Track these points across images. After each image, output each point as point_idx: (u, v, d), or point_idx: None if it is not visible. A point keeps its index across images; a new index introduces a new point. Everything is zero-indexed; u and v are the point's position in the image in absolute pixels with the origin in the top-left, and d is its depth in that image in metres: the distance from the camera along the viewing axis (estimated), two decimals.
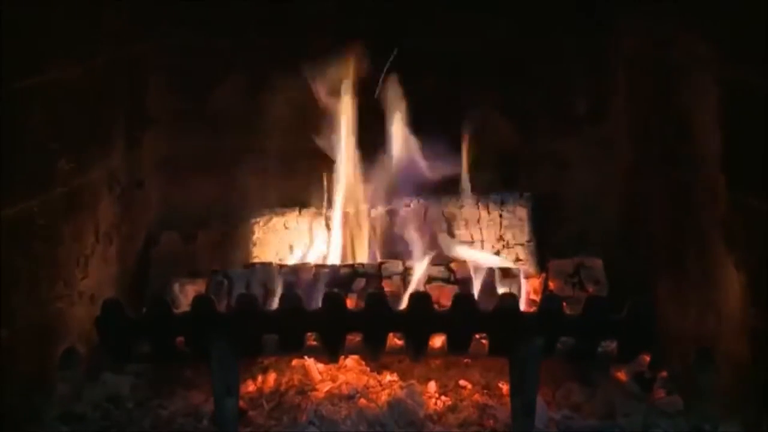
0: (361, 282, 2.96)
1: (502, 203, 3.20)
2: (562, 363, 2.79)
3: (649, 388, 2.85)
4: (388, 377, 2.84)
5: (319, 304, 2.64)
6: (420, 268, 2.96)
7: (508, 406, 2.63)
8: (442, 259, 3.05)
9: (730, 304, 2.64)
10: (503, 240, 3.19)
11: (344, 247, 3.16)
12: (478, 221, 3.19)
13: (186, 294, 3.03)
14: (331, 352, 2.69)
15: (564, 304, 2.65)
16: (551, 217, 3.26)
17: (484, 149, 3.23)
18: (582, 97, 3.31)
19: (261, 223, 3.21)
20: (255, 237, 3.21)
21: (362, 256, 3.13)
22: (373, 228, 3.18)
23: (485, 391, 2.82)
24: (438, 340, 2.71)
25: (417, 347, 2.67)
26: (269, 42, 3.26)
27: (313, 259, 3.12)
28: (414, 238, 3.10)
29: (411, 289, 2.91)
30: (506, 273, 2.98)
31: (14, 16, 2.53)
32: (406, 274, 2.97)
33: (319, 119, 3.18)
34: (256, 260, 3.11)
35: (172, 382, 2.87)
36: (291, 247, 3.19)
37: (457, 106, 3.21)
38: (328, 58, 3.15)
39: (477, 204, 3.20)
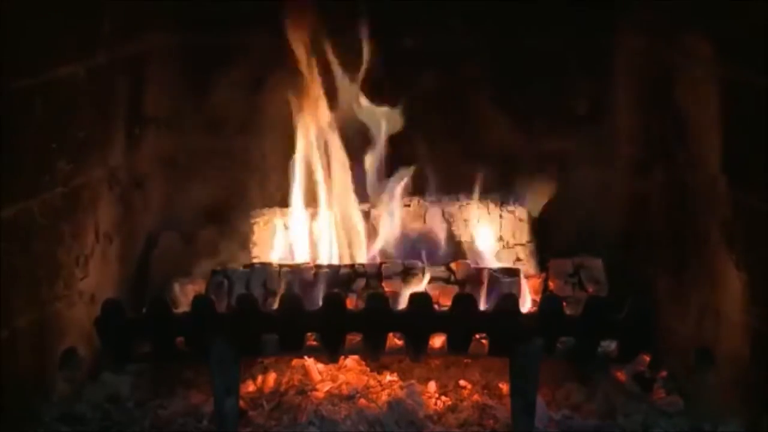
0: (361, 282, 2.96)
1: (502, 203, 3.20)
2: (562, 363, 2.79)
3: (649, 388, 2.85)
4: (388, 377, 2.84)
5: (319, 304, 2.65)
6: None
7: (508, 406, 2.63)
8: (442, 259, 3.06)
9: (730, 304, 2.64)
10: (503, 240, 3.18)
11: (343, 247, 3.15)
12: (478, 221, 3.18)
13: (186, 294, 3.03)
14: (331, 352, 2.69)
15: (564, 304, 2.65)
16: (551, 217, 3.26)
17: (484, 149, 3.23)
18: (582, 97, 3.30)
19: (261, 223, 3.21)
20: (255, 237, 3.20)
21: (361, 257, 3.13)
22: (372, 228, 3.18)
23: (485, 391, 2.82)
24: (438, 340, 2.71)
25: (417, 347, 2.67)
26: (269, 42, 3.26)
27: (312, 259, 3.11)
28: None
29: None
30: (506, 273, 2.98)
31: (14, 16, 2.53)
32: (406, 274, 2.96)
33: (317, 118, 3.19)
34: (256, 260, 3.11)
35: (172, 382, 2.88)
36: (291, 247, 3.18)
37: (457, 106, 3.21)
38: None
39: (477, 204, 3.19)
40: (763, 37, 2.47)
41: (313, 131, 3.16)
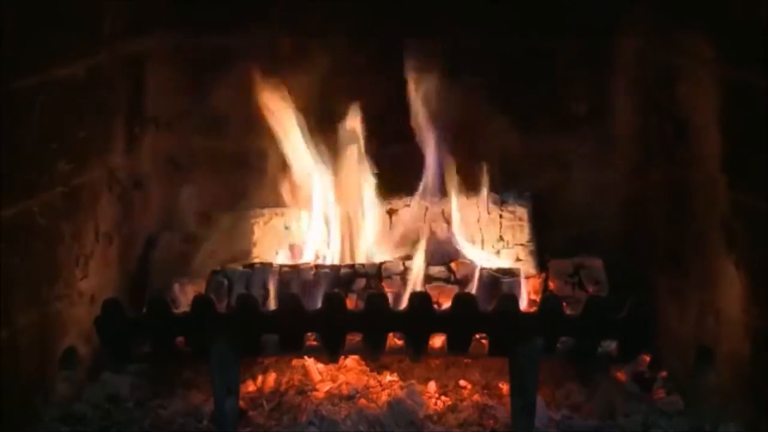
0: (361, 282, 2.96)
1: (502, 203, 3.20)
2: (562, 363, 2.79)
3: (649, 388, 2.85)
4: (388, 377, 2.84)
5: (319, 304, 2.65)
6: (418, 267, 2.96)
7: (508, 406, 2.64)
8: (442, 259, 3.05)
9: (730, 303, 2.64)
10: (503, 240, 3.18)
11: (343, 247, 3.15)
12: (478, 221, 3.19)
13: (186, 294, 3.03)
14: (331, 352, 2.69)
15: (564, 304, 2.65)
16: (551, 217, 3.26)
17: (485, 149, 3.23)
18: (582, 97, 3.30)
19: (261, 223, 3.21)
20: (255, 237, 3.21)
21: (361, 256, 3.13)
22: (372, 228, 3.18)
23: (485, 391, 2.82)
24: (438, 340, 2.71)
25: (417, 347, 2.67)
26: (269, 42, 3.26)
27: (313, 258, 3.11)
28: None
29: (410, 287, 2.91)
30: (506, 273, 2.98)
31: (14, 16, 2.53)
32: (406, 274, 2.96)
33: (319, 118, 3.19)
34: (256, 260, 3.11)
35: (172, 382, 2.88)
36: (291, 247, 3.18)
37: (457, 106, 3.20)
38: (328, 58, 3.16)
39: (477, 204, 3.19)
40: (763, 37, 2.47)
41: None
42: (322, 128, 3.19)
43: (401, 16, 3.24)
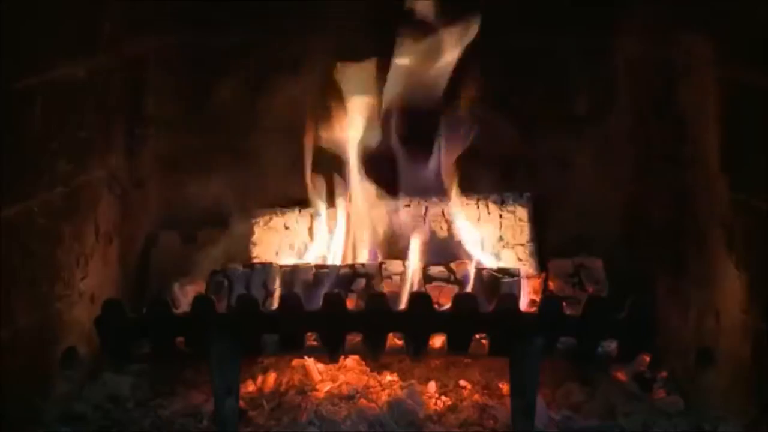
0: (361, 282, 2.96)
1: (502, 203, 3.20)
2: (562, 363, 2.79)
3: (649, 388, 2.85)
4: (388, 377, 2.84)
5: (319, 304, 2.65)
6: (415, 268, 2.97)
7: (508, 406, 2.63)
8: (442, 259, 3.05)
9: (730, 304, 2.64)
10: (503, 240, 3.18)
11: (344, 247, 3.15)
12: (478, 221, 3.19)
13: (186, 294, 3.03)
14: (331, 352, 2.69)
15: (564, 304, 2.65)
16: (551, 217, 3.26)
17: (484, 149, 3.22)
18: (582, 97, 3.30)
19: (261, 223, 3.21)
20: (255, 237, 3.21)
21: (362, 256, 3.13)
22: (373, 228, 3.18)
23: (485, 391, 2.82)
24: (438, 340, 2.71)
25: (417, 347, 2.67)
26: (269, 42, 3.26)
27: (313, 258, 3.11)
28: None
29: (409, 287, 2.91)
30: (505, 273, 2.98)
31: (14, 16, 2.53)
32: (406, 274, 2.96)
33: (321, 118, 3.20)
34: (256, 260, 3.11)
35: (172, 382, 2.88)
36: (291, 247, 3.18)
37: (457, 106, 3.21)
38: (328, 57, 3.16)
39: (477, 204, 3.19)
40: (763, 37, 2.47)
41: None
42: (323, 128, 3.20)
43: (399, 13, 3.24)
